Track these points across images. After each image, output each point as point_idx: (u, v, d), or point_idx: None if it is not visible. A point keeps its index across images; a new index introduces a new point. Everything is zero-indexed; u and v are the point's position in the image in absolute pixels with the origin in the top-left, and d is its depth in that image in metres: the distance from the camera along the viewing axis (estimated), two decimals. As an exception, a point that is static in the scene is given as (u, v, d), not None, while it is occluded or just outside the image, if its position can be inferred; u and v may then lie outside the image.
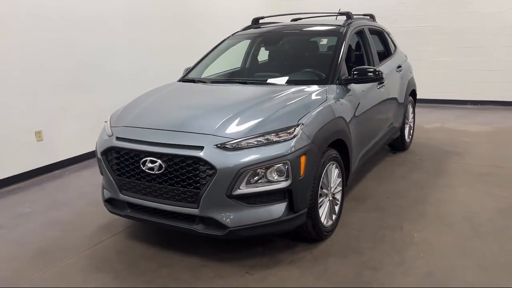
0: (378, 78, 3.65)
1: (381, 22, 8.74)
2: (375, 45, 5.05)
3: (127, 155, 3.01)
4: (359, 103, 3.75)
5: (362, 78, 3.64)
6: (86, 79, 5.60)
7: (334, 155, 3.26)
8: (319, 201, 3.14)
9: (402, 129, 5.26)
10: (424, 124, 6.94)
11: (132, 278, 2.90)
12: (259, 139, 2.78)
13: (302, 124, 2.91)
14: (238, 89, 3.67)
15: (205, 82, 3.94)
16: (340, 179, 3.45)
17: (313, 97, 3.29)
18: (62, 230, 3.69)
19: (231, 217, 2.77)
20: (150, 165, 2.88)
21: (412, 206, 3.84)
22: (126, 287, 2.81)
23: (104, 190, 3.34)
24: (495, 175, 4.52)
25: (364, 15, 5.25)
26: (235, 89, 3.70)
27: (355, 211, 3.78)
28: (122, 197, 3.12)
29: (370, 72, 3.61)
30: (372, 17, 5.24)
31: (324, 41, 4.14)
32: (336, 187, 3.42)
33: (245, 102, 3.22)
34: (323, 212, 3.21)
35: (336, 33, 4.06)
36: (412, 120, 5.73)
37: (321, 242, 3.25)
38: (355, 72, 3.64)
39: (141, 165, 2.93)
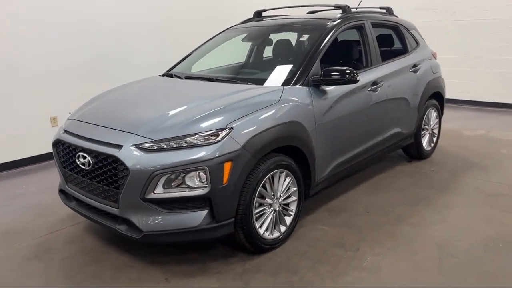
0: (349, 80, 3.28)
1: (437, 14, 8.06)
2: (390, 42, 4.62)
3: (68, 148, 3.04)
4: (331, 106, 3.41)
5: (329, 79, 3.29)
6: (105, 70, 5.79)
7: (284, 162, 3.01)
8: (258, 211, 2.92)
9: (417, 136, 4.74)
10: (465, 131, 6.21)
11: (57, 271, 2.94)
12: (180, 141, 2.64)
13: (232, 128, 2.71)
14: (197, 87, 3.53)
15: (180, 77, 3.84)
16: (296, 189, 3.18)
17: (262, 98, 3.04)
18: (35, 214, 3.86)
19: (147, 221, 2.67)
20: (82, 160, 2.88)
21: (387, 225, 3.44)
22: (44, 281, 2.85)
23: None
24: (509, 197, 3.89)
25: (380, 8, 4.78)
26: (194, 86, 3.56)
27: (321, 224, 3.48)
28: (68, 189, 3.17)
29: (338, 73, 3.26)
30: (388, 10, 4.75)
31: (305, 37, 3.81)
32: (289, 197, 3.16)
33: (191, 100, 3.08)
34: (263, 223, 2.98)
35: (320, 29, 3.73)
36: (437, 126, 5.13)
37: (261, 255, 3.03)
38: (322, 73, 3.32)
39: (76, 160, 2.93)
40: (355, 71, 3.30)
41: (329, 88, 3.44)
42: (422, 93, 4.63)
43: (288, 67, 3.44)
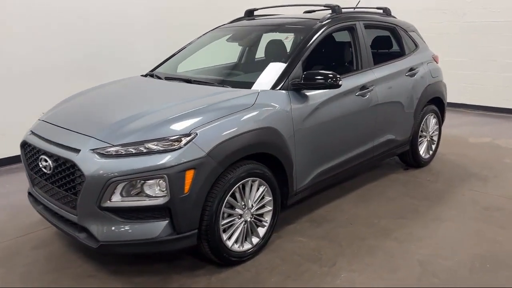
0: (330, 85, 3.09)
1: (447, 15, 7.76)
2: (386, 44, 4.41)
3: (33, 151, 2.93)
4: (312, 112, 3.22)
5: (309, 83, 3.11)
6: (101, 69, 5.67)
7: (257, 170, 2.84)
8: (227, 222, 2.76)
9: (413, 143, 4.51)
10: (470, 138, 5.94)
11: (15, 278, 2.82)
12: (139, 147, 2.49)
13: (196, 133, 2.55)
14: (173, 88, 3.38)
15: (160, 78, 3.69)
16: (271, 198, 3.01)
17: (234, 102, 2.88)
18: (9, 215, 3.77)
19: (103, 230, 2.53)
20: (44, 163, 2.76)
21: (370, 238, 3.24)
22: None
23: (30, 182, 3.31)
24: (506, 211, 3.65)
25: (377, 8, 4.56)
26: (170, 88, 3.40)
27: (300, 235, 3.30)
28: (34, 192, 3.06)
29: (319, 77, 3.07)
30: (385, 11, 4.52)
31: (288, 38, 3.62)
32: (264, 207, 2.99)
33: (160, 103, 2.93)
34: (233, 234, 2.82)
35: (305, 30, 3.54)
36: (436, 133, 4.88)
37: (230, 268, 2.86)
38: (303, 76, 3.13)
39: (39, 163, 2.81)
40: (337, 76, 3.12)
41: (311, 93, 3.26)
42: (419, 98, 4.39)
43: (269, 70, 3.25)
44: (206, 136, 2.58)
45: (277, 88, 3.10)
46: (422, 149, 4.68)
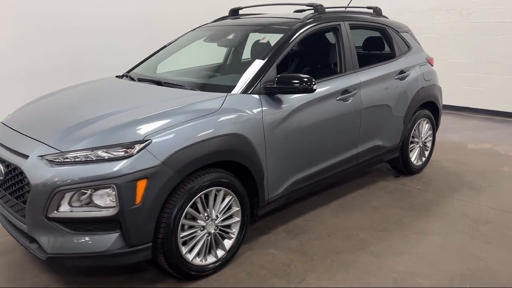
0: (303, 89, 2.92)
1: (452, 15, 7.48)
2: (376, 45, 4.22)
3: (-13, 155, 2.80)
4: (287, 117, 3.05)
5: (282, 87, 2.94)
6: (85, 71, 5.53)
7: (222, 180, 2.68)
8: (187, 234, 2.61)
9: (403, 149, 4.30)
10: (470, 143, 5.69)
11: (-33, 288, 2.70)
12: (88, 154, 2.34)
13: (150, 140, 2.39)
14: (140, 91, 3.23)
15: (134, 79, 3.54)
16: (238, 209, 2.84)
17: (198, 106, 2.72)
18: (-21, 220, 3.65)
19: (51, 242, 2.39)
20: None
21: (346, 252, 3.05)
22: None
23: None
24: (495, 225, 3.43)
25: (368, 7, 4.36)
26: (137, 91, 3.25)
27: (273, 247, 3.13)
28: (-8, 199, 2.93)
29: (292, 80, 2.90)
30: (376, 10, 4.32)
31: (265, 39, 3.45)
32: (231, 218, 2.83)
33: (121, 107, 2.78)
34: (194, 247, 2.66)
35: (284, 30, 3.36)
36: (430, 139, 4.66)
37: (192, 282, 2.71)
38: (276, 80, 2.96)
39: (-8, 168, 2.69)
40: (312, 80, 2.94)
41: (286, 97, 3.08)
42: (409, 103, 4.18)
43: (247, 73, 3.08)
44: (162, 143, 2.42)
45: (249, 92, 2.93)
46: (413, 156, 4.47)
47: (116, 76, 3.74)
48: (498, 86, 7.20)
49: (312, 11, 3.65)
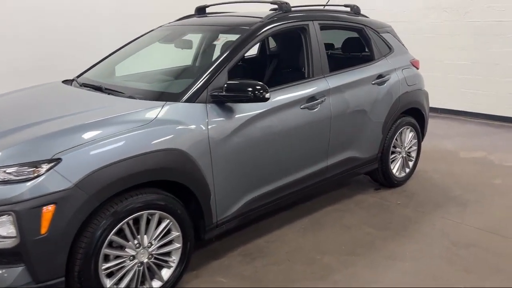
0: (254, 98, 2.58)
1: (448, 14, 7.08)
2: (353, 47, 3.88)
3: None
4: (239, 128, 2.71)
5: (230, 95, 2.60)
6: (62, 69, 5.23)
7: (157, 201, 2.35)
8: (114, 264, 2.28)
9: (383, 160, 3.94)
10: (462, 151, 5.30)
11: None
12: (-13, 175, 2.02)
13: (60, 159, 2.06)
14: (73, 99, 2.90)
15: (78, 84, 3.21)
16: (179, 233, 2.51)
17: (129, 117, 2.39)
18: None
19: (-51, 275, 2.07)
20: None
21: (303, 281, 2.72)
22: None
23: None
24: (478, 249, 3.06)
25: (345, 5, 4.00)
26: (70, 99, 2.93)
27: (223, 274, 2.80)
28: None
29: (244, 88, 2.56)
30: (353, 9, 3.95)
31: (220, 40, 3.10)
32: (170, 244, 2.50)
33: (40, 118, 2.44)
34: (122, 279, 2.33)
35: (240, 30, 3.02)
36: (415, 148, 4.29)
37: (120, 318, 2.37)
38: (225, 87, 2.62)
39: None
40: (265, 87, 2.61)
41: (239, 106, 2.74)
42: (389, 110, 3.82)
43: (193, 79, 2.74)
44: (76, 161, 2.09)
45: (193, 101, 2.59)
46: (395, 167, 4.10)
47: (64, 81, 3.41)
48: (496, 89, 6.80)
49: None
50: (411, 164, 4.29)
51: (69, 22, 5.33)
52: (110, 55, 3.73)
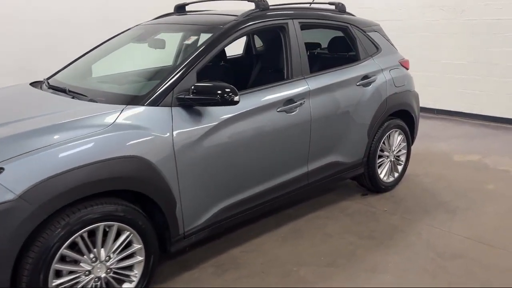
0: (222, 101, 2.42)
1: (445, 12, 6.88)
2: (340, 47, 3.73)
3: None
4: (209, 133, 2.55)
5: (196, 98, 2.45)
6: (39, 66, 5.09)
7: (113, 213, 2.20)
8: (66, 280, 2.13)
9: (370, 165, 3.77)
10: (456, 154, 5.12)
11: None
12: None
13: (2, 169, 1.91)
14: (34, 102, 2.74)
15: (46, 86, 3.05)
16: (140, 246, 2.36)
17: (84, 123, 2.24)
18: None
19: None
20: None
21: (276, 296, 2.55)
22: None
23: None
24: (465, 261, 2.89)
25: (330, 3, 3.84)
26: (31, 100, 2.78)
27: (191, 288, 2.64)
28: None
29: (211, 90, 2.41)
30: (338, 6, 3.78)
31: (191, 39, 2.94)
32: (132, 257, 2.35)
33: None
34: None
35: (213, 30, 2.86)
36: (404, 151, 4.12)
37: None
38: (191, 89, 2.46)
39: None
40: (235, 90, 2.46)
41: (208, 109, 2.59)
42: (375, 113, 3.65)
43: (159, 82, 2.58)
44: (21, 171, 1.95)
45: (157, 104, 2.43)
46: (383, 172, 3.94)
47: (33, 82, 3.25)
48: (494, 89, 6.61)
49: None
50: (400, 168, 4.12)
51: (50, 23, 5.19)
52: (84, 54, 3.57)
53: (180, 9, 3.75)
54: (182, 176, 2.45)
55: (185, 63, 2.59)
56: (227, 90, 2.45)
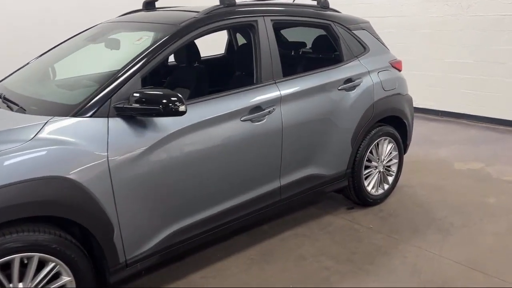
0: (168, 112, 2.10)
1: (450, 8, 6.45)
2: (323, 48, 3.39)
3: None
4: (156, 147, 2.24)
5: (136, 108, 2.13)
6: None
7: (34, 243, 1.90)
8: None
9: (355, 176, 3.42)
10: (458, 162, 4.72)
11: None
12: None
13: None
14: None
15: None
16: (70, 279, 2.05)
17: (-2, 138, 1.93)
18: None
19: None
20: None
21: (229, 335, 2.22)
22: None
23: None
24: (452, 293, 2.53)
25: (313, -1, 3.49)
26: None
27: (136, 323, 2.32)
28: None
29: (152, 99, 2.09)
30: (320, 2, 3.42)
31: (141, 40, 2.61)
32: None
33: None
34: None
35: (167, 29, 2.54)
36: (396, 161, 3.75)
37: None
38: (131, 98, 2.14)
39: None
40: (180, 98, 2.14)
41: (156, 120, 2.26)
42: (360, 119, 3.30)
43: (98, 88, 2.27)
44: None
45: (89, 115, 2.12)
46: (370, 184, 3.58)
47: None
48: (502, 90, 6.16)
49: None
50: (391, 179, 3.75)
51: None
52: (40, 56, 3.27)
53: (148, 5, 3.44)
54: (120, 198, 2.14)
55: (127, 67, 2.27)
56: (173, 98, 2.13)
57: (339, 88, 3.18)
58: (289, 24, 3.23)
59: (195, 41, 3.31)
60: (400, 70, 3.76)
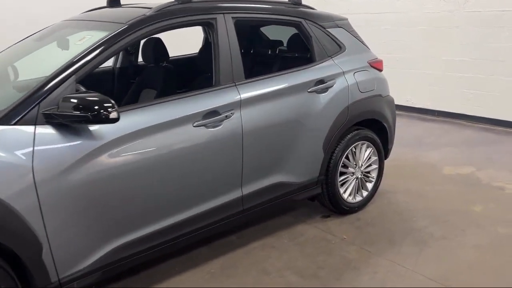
0: (96, 119, 1.92)
1: (447, 4, 6.18)
2: (295, 47, 3.20)
3: None
4: (92, 156, 2.06)
5: (64, 114, 1.95)
6: None
7: None
8: None
9: (329, 183, 3.22)
10: (447, 166, 4.48)
11: None
12: None
13: None
14: None
15: None
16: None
17: None
18: None
19: None
20: None
21: None
22: None
23: None
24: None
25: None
26: None
27: None
28: None
29: (81, 104, 1.91)
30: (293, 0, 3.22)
31: (83, 40, 2.42)
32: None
33: None
34: None
35: (112, 27, 2.36)
36: (375, 166, 3.53)
37: None
38: (59, 103, 1.96)
39: None
40: (111, 104, 1.94)
41: (91, 127, 2.08)
42: (333, 123, 3.10)
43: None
44: None
45: (13, 122, 1.94)
46: (347, 191, 3.37)
47: None
48: (500, 89, 5.90)
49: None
50: (370, 186, 3.54)
51: None
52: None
53: (112, 1, 3.24)
54: (49, 213, 1.96)
55: (59, 70, 2.09)
56: (105, 104, 1.95)
57: (308, 90, 2.98)
58: (255, 22, 3.03)
59: (162, 39, 3.17)
60: (380, 70, 3.55)
